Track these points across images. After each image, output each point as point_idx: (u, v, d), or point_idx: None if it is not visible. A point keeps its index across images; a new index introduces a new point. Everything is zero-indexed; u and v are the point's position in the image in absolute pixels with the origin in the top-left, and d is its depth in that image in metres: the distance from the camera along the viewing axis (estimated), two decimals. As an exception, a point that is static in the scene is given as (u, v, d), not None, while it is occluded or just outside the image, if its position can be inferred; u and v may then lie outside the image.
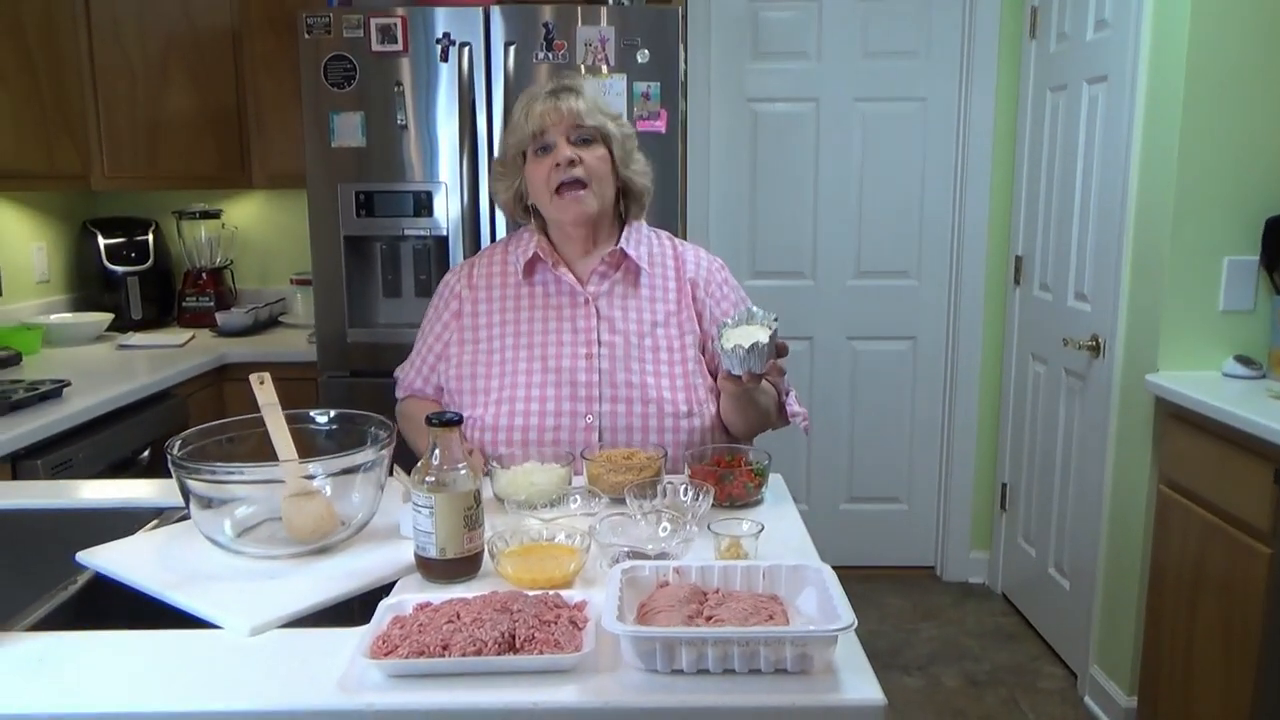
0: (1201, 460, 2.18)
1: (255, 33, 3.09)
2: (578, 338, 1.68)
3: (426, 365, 1.79)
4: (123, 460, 2.36)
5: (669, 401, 1.65)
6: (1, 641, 1.02)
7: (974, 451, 3.58)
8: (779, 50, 3.41)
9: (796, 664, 0.93)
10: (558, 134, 1.65)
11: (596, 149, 1.67)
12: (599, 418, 1.64)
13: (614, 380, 1.65)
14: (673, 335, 1.70)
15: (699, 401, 1.67)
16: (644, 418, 1.64)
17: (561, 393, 1.65)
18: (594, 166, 1.66)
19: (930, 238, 3.51)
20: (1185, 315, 2.39)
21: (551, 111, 1.65)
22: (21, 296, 3.06)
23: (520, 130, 1.68)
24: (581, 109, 1.65)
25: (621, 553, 1.18)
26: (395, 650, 0.94)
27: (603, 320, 1.70)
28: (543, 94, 1.67)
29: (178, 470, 1.22)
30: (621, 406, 1.64)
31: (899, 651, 3.10)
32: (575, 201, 1.66)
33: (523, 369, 1.67)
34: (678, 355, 1.69)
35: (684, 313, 1.72)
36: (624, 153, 1.71)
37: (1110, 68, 2.65)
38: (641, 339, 1.69)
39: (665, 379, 1.67)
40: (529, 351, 1.69)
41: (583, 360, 1.66)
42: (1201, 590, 2.17)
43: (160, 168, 3.08)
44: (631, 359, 1.67)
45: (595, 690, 0.92)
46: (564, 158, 1.64)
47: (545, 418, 1.63)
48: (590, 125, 1.66)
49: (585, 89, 1.70)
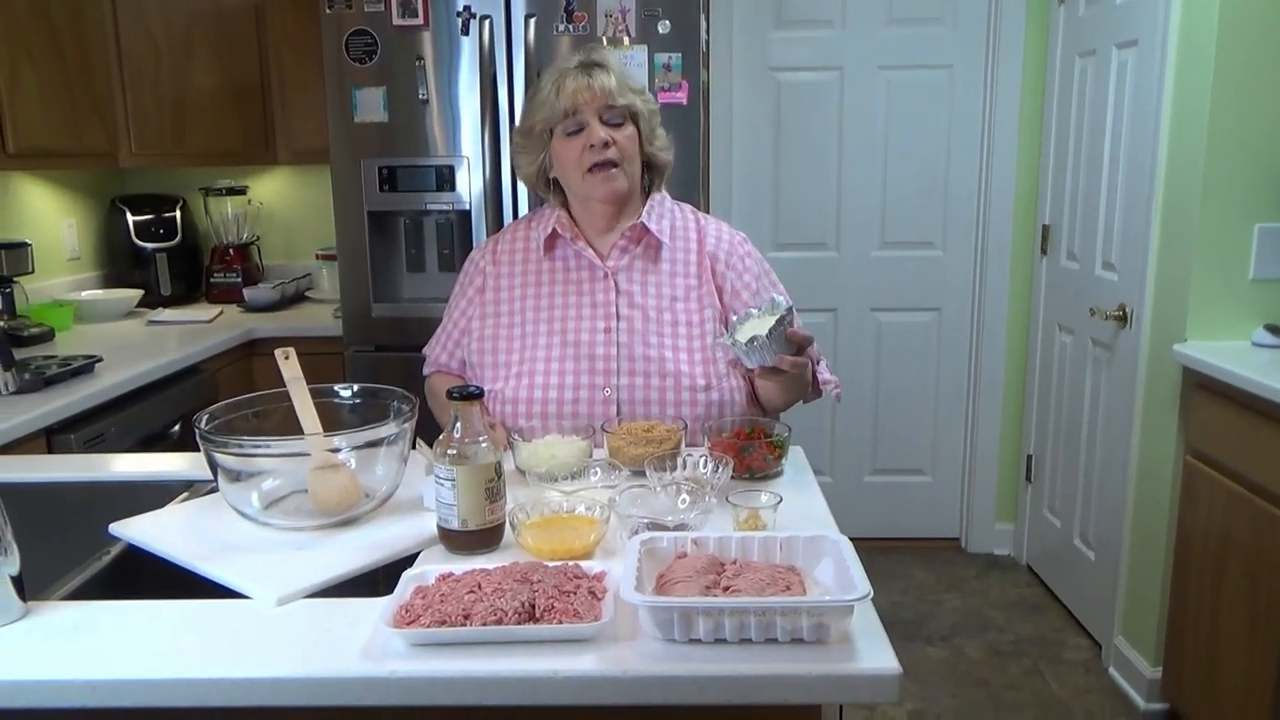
0: (1229, 431, 2.16)
1: (277, 8, 3.10)
2: (596, 311, 1.69)
3: (451, 341, 1.81)
4: (153, 434, 2.41)
5: (686, 375, 1.65)
6: (38, 610, 1.05)
7: (999, 423, 3.56)
8: (802, 18, 3.37)
9: (813, 633, 0.94)
10: (590, 113, 1.64)
11: (626, 128, 1.67)
12: (617, 390, 1.64)
13: (632, 354, 1.66)
14: (692, 310, 1.70)
15: (717, 375, 1.67)
16: (661, 390, 1.64)
17: (580, 366, 1.66)
18: (625, 146, 1.66)
19: (956, 207, 3.47)
20: (1214, 284, 2.36)
21: (584, 90, 1.63)
22: (53, 273, 3.11)
23: (550, 106, 1.66)
24: (613, 87, 1.64)
25: (641, 524, 1.19)
26: (418, 620, 0.96)
27: (622, 294, 1.70)
28: (573, 69, 1.66)
29: (206, 444, 1.24)
30: (639, 380, 1.65)
31: (923, 622, 3.10)
32: (608, 180, 1.66)
33: (542, 343, 1.68)
34: (696, 330, 1.69)
35: (704, 287, 1.72)
36: (649, 129, 1.72)
37: (1141, 32, 2.60)
38: (660, 313, 1.69)
39: (684, 353, 1.67)
40: (549, 325, 1.70)
41: (601, 334, 1.67)
42: (1228, 561, 2.15)
43: (186, 145, 3.10)
44: (650, 333, 1.67)
45: (614, 659, 0.93)
46: (598, 139, 1.63)
47: (564, 390, 1.64)
48: (621, 104, 1.65)
49: (613, 61, 1.69)
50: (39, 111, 2.58)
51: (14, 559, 1.02)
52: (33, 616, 1.04)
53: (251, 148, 3.21)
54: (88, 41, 2.81)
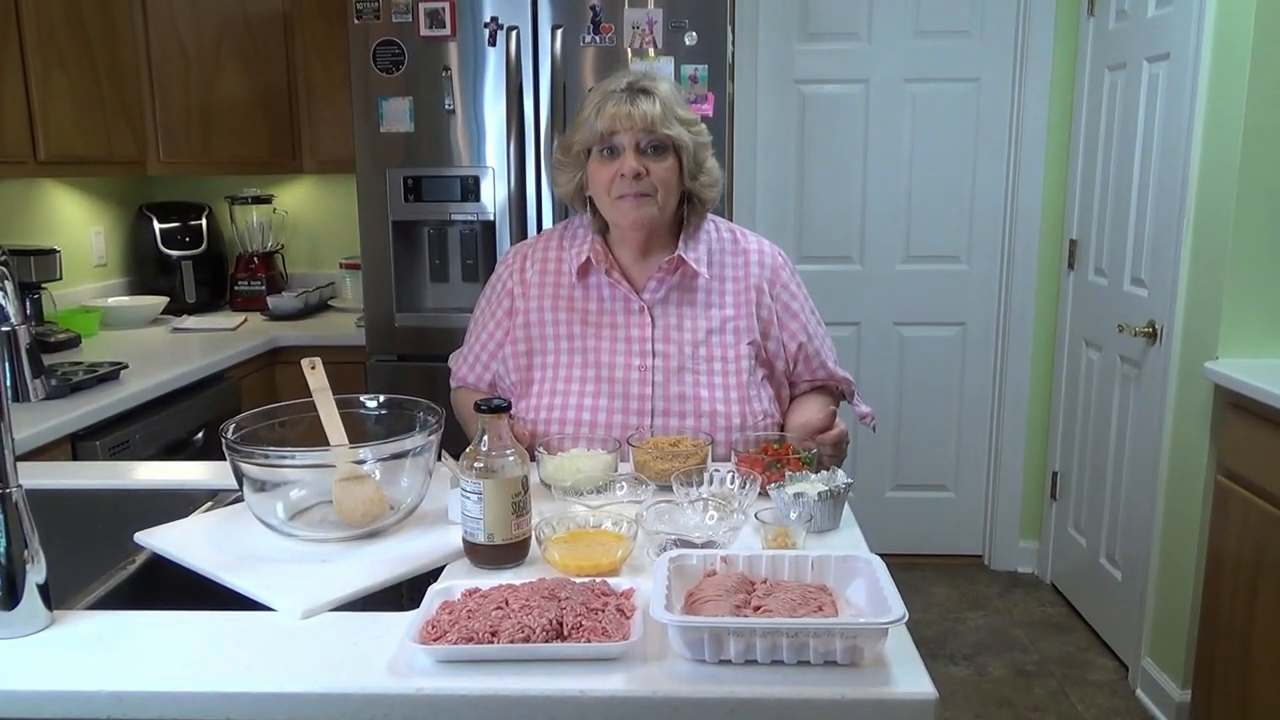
0: (1263, 451, 2.12)
1: (306, 18, 3.12)
2: (631, 347, 1.65)
3: (480, 362, 1.77)
4: (178, 441, 2.41)
5: (722, 415, 1.62)
6: (63, 620, 1.05)
7: (1024, 439, 3.52)
8: (828, 31, 3.36)
9: (846, 656, 0.92)
10: (627, 140, 1.57)
11: (665, 159, 1.60)
12: (650, 431, 1.60)
13: (667, 394, 1.62)
14: (728, 344, 1.66)
15: (753, 414, 1.63)
16: (696, 432, 1.60)
17: (614, 405, 1.62)
18: (661, 177, 1.59)
19: (982, 221, 3.44)
20: (1247, 301, 2.32)
21: (624, 117, 1.56)
22: (81, 279, 3.13)
23: (589, 127, 1.59)
24: (656, 115, 1.56)
25: (668, 540, 1.17)
26: (444, 636, 0.95)
27: (658, 329, 1.66)
28: (618, 92, 1.58)
29: (231, 453, 1.24)
30: (675, 421, 1.62)
31: (945, 641, 3.07)
32: (635, 208, 1.60)
33: (576, 375, 1.65)
34: (732, 366, 1.65)
35: (742, 321, 1.67)
36: (694, 164, 1.63)
37: (1173, 45, 2.57)
38: (696, 348, 1.65)
39: (719, 390, 1.63)
40: (582, 358, 1.66)
41: (636, 372, 1.63)
42: (1261, 583, 2.11)
43: (213, 153, 3.12)
44: (685, 370, 1.64)
45: (642, 679, 0.91)
46: (630, 169, 1.57)
47: (596, 429, 1.60)
48: (662, 133, 1.57)
49: (663, 89, 1.60)
50: (70, 119, 2.60)
51: (41, 567, 1.02)
52: (58, 626, 1.03)
53: (278, 156, 3.22)
54: (119, 49, 2.84)
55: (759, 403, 1.66)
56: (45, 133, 2.49)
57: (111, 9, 2.80)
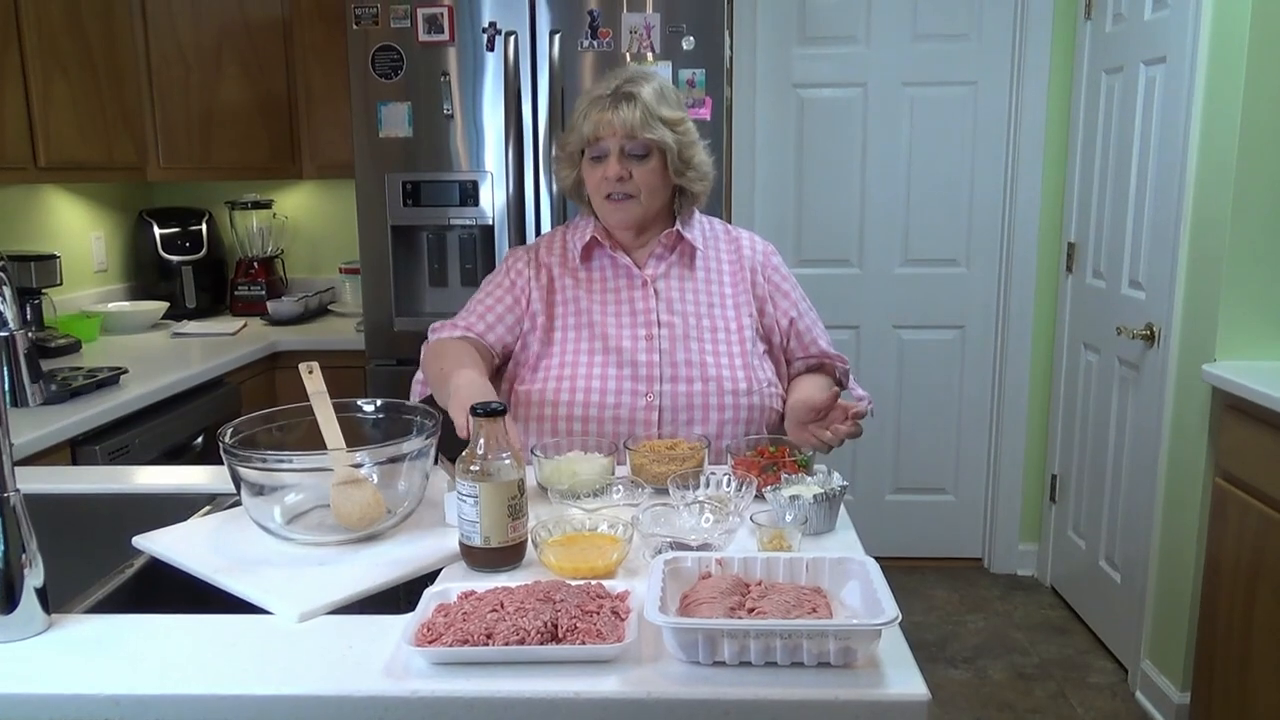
0: (1261, 453, 2.12)
1: (305, 23, 3.13)
2: (637, 319, 1.70)
3: (492, 314, 1.73)
4: (177, 446, 2.42)
5: (728, 379, 1.67)
6: (61, 623, 1.05)
7: (1023, 442, 3.52)
8: (826, 34, 3.37)
9: (840, 657, 0.93)
10: (611, 144, 1.65)
11: (648, 162, 1.66)
12: (659, 397, 1.65)
13: (674, 360, 1.67)
14: (729, 316, 1.73)
15: (758, 380, 1.68)
16: (704, 395, 1.65)
17: (623, 373, 1.66)
18: (644, 180, 1.66)
19: (980, 225, 3.45)
20: (1245, 303, 2.32)
21: (606, 124, 1.63)
22: (81, 285, 3.14)
23: (578, 131, 1.68)
24: (635, 122, 1.62)
25: (664, 543, 1.18)
26: (440, 638, 0.95)
27: (661, 301, 1.72)
28: (603, 97, 1.65)
29: (229, 458, 1.24)
30: (682, 386, 1.66)
31: (945, 644, 3.07)
32: (621, 210, 1.69)
33: (585, 348, 1.69)
34: (735, 336, 1.71)
35: (740, 296, 1.75)
36: (680, 162, 1.68)
37: (1169, 48, 2.58)
38: (699, 319, 1.71)
39: (724, 357, 1.69)
40: (589, 331, 1.71)
41: (643, 341, 1.69)
42: (1259, 585, 2.11)
43: (213, 158, 3.13)
44: (690, 339, 1.69)
45: (637, 681, 0.92)
46: (613, 173, 1.65)
47: (606, 395, 1.65)
48: (644, 138, 1.63)
49: (645, 91, 1.65)
50: (71, 124, 2.61)
51: (39, 570, 1.03)
52: (56, 629, 1.04)
53: (277, 161, 3.23)
54: (119, 56, 2.85)
55: (763, 372, 1.71)
56: (46, 139, 2.50)
57: (112, 15, 2.81)
